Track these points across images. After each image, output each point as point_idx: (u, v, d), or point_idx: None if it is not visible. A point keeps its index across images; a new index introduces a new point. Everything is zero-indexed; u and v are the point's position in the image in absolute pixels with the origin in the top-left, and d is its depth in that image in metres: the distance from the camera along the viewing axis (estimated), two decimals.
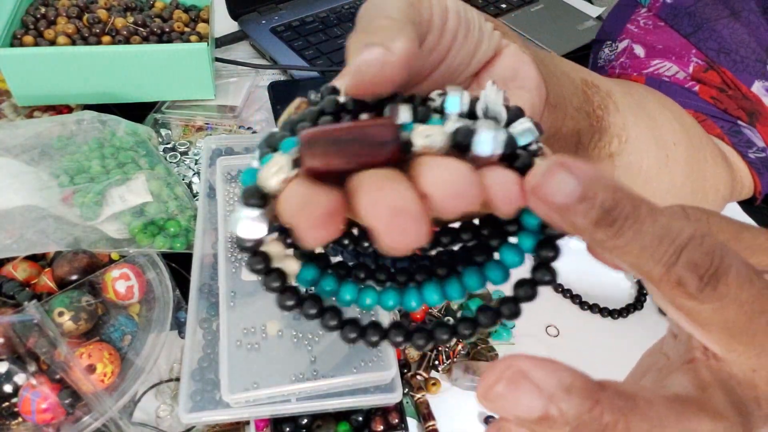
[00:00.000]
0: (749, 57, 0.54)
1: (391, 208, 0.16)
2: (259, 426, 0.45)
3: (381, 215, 0.16)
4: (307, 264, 0.21)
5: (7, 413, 0.43)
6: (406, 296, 0.22)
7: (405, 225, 0.16)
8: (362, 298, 0.22)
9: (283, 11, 0.87)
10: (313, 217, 0.17)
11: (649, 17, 0.60)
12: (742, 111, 0.55)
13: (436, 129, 0.18)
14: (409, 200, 0.16)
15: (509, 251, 0.20)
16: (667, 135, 0.47)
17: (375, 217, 0.16)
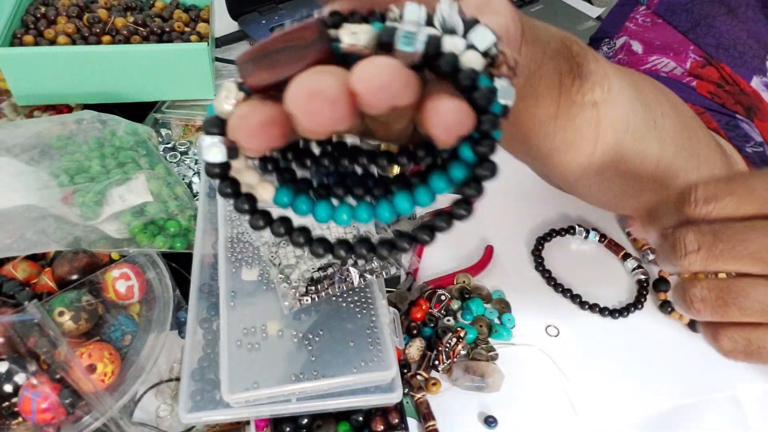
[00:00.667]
0: (747, 53, 0.54)
1: (307, 91, 0.17)
2: (259, 426, 0.45)
3: (298, 98, 0.17)
4: (282, 187, 0.23)
5: (7, 413, 0.43)
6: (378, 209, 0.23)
7: (319, 106, 0.17)
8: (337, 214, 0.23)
9: (283, 11, 0.87)
10: (249, 127, 0.18)
11: (647, 15, 0.60)
12: (740, 106, 0.55)
13: (362, 28, 0.19)
14: (325, 84, 0.17)
15: (439, 179, 0.21)
16: (652, 103, 0.46)
17: (292, 100, 0.17)
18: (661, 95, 0.49)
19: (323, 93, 0.17)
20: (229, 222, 0.54)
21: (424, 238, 0.21)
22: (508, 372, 0.51)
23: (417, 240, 0.21)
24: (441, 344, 0.51)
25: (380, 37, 0.19)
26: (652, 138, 0.45)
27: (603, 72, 0.42)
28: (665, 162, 0.46)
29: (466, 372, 0.50)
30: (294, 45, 0.18)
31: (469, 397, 0.50)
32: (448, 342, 0.51)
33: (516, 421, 0.49)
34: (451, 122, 0.18)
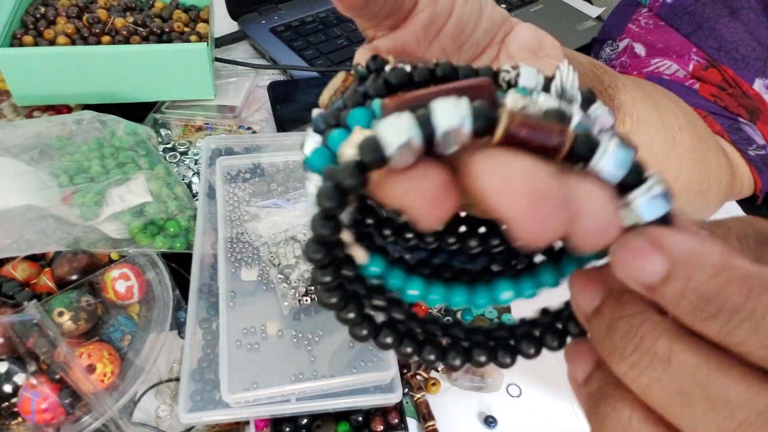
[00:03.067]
0: (749, 55, 0.54)
1: (528, 191, 0.13)
2: (259, 426, 0.45)
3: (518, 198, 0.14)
4: (375, 255, 0.19)
5: (7, 413, 0.43)
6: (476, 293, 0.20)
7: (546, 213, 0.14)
8: (429, 293, 0.20)
9: (283, 11, 0.87)
10: (429, 191, 0.15)
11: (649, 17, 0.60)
12: (743, 109, 0.55)
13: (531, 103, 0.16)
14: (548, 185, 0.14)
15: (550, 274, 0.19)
16: (670, 119, 0.47)
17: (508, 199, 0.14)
18: (676, 107, 0.49)
19: (550, 194, 0.14)
20: (228, 222, 0.54)
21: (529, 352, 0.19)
22: (508, 372, 0.51)
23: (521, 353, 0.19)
24: None
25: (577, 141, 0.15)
26: (671, 157, 0.46)
27: (632, 101, 0.42)
28: (682, 179, 0.47)
29: (466, 372, 0.50)
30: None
31: (469, 397, 0.50)
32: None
33: (516, 421, 0.49)
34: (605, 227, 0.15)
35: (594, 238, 0.14)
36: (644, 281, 0.14)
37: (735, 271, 0.14)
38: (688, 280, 0.14)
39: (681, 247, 0.14)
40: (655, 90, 0.50)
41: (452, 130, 0.14)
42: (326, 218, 0.15)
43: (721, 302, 0.14)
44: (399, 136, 0.14)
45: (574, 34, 0.88)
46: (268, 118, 0.72)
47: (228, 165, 0.59)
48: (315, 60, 0.79)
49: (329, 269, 0.16)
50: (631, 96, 0.42)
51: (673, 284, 0.14)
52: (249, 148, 0.62)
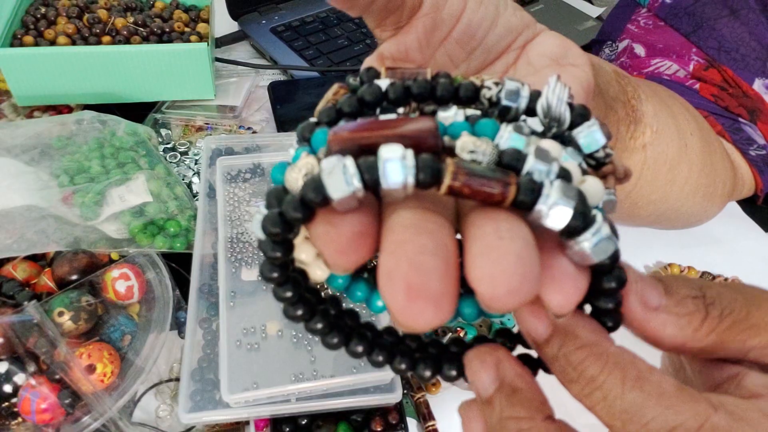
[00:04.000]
0: (749, 55, 0.54)
1: (407, 286, 0.14)
2: (259, 426, 0.45)
3: (394, 293, 0.14)
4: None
5: (7, 413, 0.43)
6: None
7: (422, 307, 0.14)
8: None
9: (283, 11, 0.87)
10: (339, 241, 0.15)
11: (649, 17, 0.60)
12: (743, 109, 0.55)
13: (483, 144, 0.16)
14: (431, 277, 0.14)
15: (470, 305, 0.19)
16: (683, 124, 0.47)
17: (388, 293, 0.14)
18: (686, 112, 0.50)
19: (428, 291, 0.14)
20: (228, 222, 0.54)
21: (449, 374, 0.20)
22: None
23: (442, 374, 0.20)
24: None
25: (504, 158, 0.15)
26: (683, 162, 0.46)
27: (653, 111, 0.42)
28: (691, 181, 0.47)
29: None
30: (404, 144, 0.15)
31: (468, 397, 0.50)
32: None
33: None
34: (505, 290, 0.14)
35: (497, 303, 0.14)
36: (532, 336, 0.18)
37: (597, 348, 0.17)
38: (560, 347, 0.17)
39: (562, 320, 0.17)
40: (667, 95, 0.50)
41: (397, 186, 0.15)
42: (274, 243, 0.16)
43: (582, 370, 0.17)
44: (341, 187, 0.14)
45: (575, 34, 0.88)
46: (269, 118, 0.72)
47: (228, 165, 0.59)
48: (315, 60, 0.79)
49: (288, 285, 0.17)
50: (652, 106, 0.42)
51: (550, 347, 0.17)
52: (249, 148, 0.62)
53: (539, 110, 0.18)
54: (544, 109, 0.18)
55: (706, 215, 0.54)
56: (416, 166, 0.14)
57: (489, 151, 0.16)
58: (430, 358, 0.20)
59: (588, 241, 0.15)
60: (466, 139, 0.16)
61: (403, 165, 0.14)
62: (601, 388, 0.16)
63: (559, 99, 0.17)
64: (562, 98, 0.18)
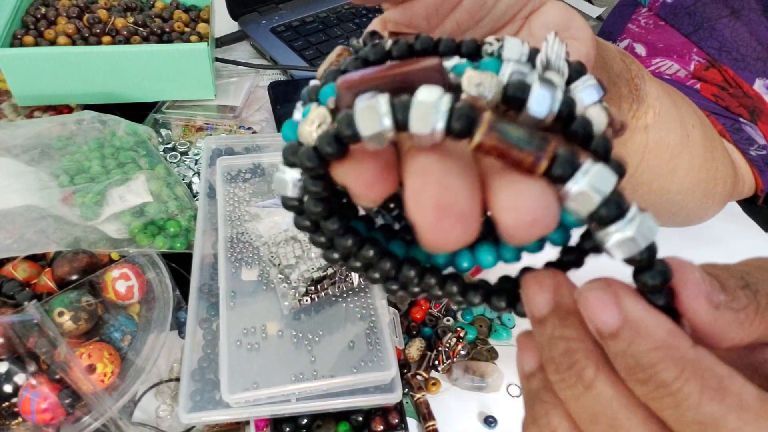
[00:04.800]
0: (750, 55, 0.54)
1: (435, 205, 0.15)
2: (259, 426, 0.45)
3: (424, 212, 0.15)
4: (355, 222, 0.20)
5: (7, 413, 0.43)
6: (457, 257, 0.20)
7: (450, 225, 0.14)
8: (412, 253, 0.20)
9: (283, 11, 0.87)
10: (368, 174, 0.16)
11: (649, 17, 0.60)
12: (744, 109, 0.55)
13: (488, 77, 0.16)
14: (457, 197, 0.15)
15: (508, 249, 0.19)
16: (685, 116, 0.47)
17: (417, 212, 0.15)
18: (688, 106, 0.50)
19: (455, 209, 0.15)
20: (228, 222, 0.54)
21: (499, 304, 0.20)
22: (508, 372, 0.51)
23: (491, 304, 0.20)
24: (441, 344, 0.51)
25: (508, 92, 0.15)
26: (684, 153, 0.46)
27: (656, 93, 0.41)
28: (692, 175, 0.47)
29: (466, 372, 0.50)
30: (412, 84, 0.15)
31: (469, 397, 0.50)
32: (448, 342, 0.51)
33: (516, 421, 0.49)
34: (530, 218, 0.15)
35: (520, 232, 0.15)
36: (597, 327, 0.16)
37: (674, 351, 0.15)
38: (631, 344, 0.15)
39: (635, 312, 0.16)
40: (670, 87, 0.50)
41: (424, 134, 0.14)
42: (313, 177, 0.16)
43: (653, 374, 0.15)
44: (372, 126, 0.15)
45: None
46: (269, 118, 0.72)
47: (228, 165, 0.59)
48: (315, 60, 0.79)
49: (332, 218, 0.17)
50: (655, 88, 0.41)
51: (618, 342, 0.16)
52: (249, 148, 0.62)
53: (538, 65, 0.18)
54: (543, 64, 0.18)
55: (705, 213, 0.54)
56: (450, 112, 0.14)
57: (494, 84, 0.16)
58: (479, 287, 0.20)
59: (613, 236, 0.15)
60: (471, 73, 0.16)
61: (437, 109, 0.14)
62: (674, 395, 0.15)
63: (557, 55, 0.18)
64: (560, 54, 0.18)
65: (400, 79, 0.16)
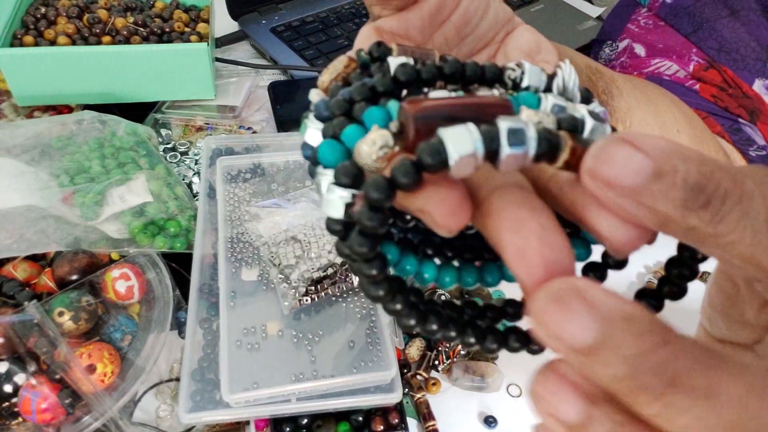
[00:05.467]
0: (749, 56, 0.54)
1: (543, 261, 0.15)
2: (259, 426, 0.45)
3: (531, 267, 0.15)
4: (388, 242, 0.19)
5: (7, 413, 0.43)
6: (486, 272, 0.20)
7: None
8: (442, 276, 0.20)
9: (283, 11, 0.87)
10: (450, 202, 0.15)
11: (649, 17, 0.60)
12: (743, 109, 0.55)
13: (545, 116, 0.16)
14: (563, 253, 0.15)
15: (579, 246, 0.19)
16: (669, 121, 0.47)
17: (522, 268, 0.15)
18: (676, 110, 0.50)
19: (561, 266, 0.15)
20: (228, 222, 0.54)
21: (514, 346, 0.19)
22: (508, 372, 0.51)
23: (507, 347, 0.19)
24: (441, 344, 0.51)
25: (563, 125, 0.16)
26: None
27: (626, 107, 0.42)
28: None
29: (466, 372, 0.50)
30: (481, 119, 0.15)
31: (469, 397, 0.50)
32: (448, 342, 0.51)
33: (516, 421, 0.49)
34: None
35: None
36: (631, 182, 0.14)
37: (716, 162, 0.14)
38: (677, 172, 0.13)
39: (659, 144, 0.14)
40: (655, 93, 0.50)
41: (516, 155, 0.15)
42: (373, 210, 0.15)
43: (713, 189, 0.13)
44: (463, 147, 0.14)
45: (575, 34, 0.88)
46: (269, 118, 0.72)
47: (228, 165, 0.59)
48: (315, 60, 0.79)
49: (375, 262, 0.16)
50: (626, 102, 0.42)
51: (664, 179, 0.13)
52: (249, 148, 0.62)
53: (555, 89, 0.19)
54: (560, 89, 0.19)
55: None
56: (538, 138, 0.15)
57: (552, 121, 0.16)
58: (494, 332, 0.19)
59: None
60: (529, 112, 0.16)
61: (528, 134, 0.15)
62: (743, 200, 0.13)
63: (574, 82, 0.18)
64: (575, 81, 0.18)
65: (476, 109, 0.16)
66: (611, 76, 0.42)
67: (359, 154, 0.16)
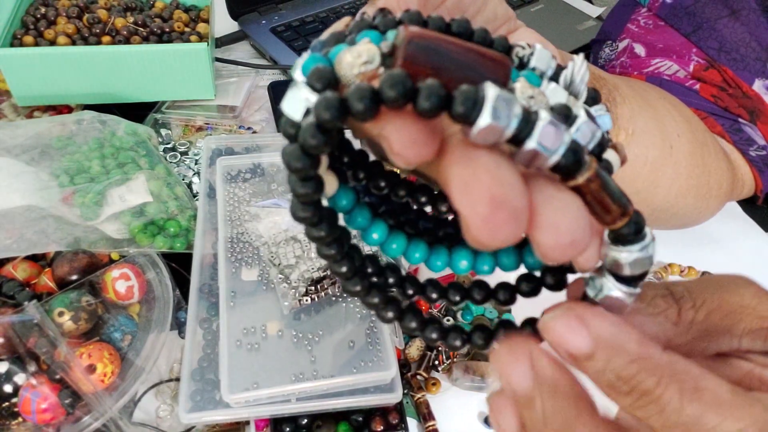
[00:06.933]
0: (749, 56, 0.54)
1: (491, 197, 0.14)
2: (259, 426, 0.45)
3: (479, 204, 0.14)
4: (346, 187, 0.18)
5: (7, 413, 0.43)
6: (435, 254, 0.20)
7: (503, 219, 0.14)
8: (390, 241, 0.19)
9: (283, 11, 0.87)
10: (414, 130, 0.14)
11: (649, 17, 0.60)
12: (743, 109, 0.55)
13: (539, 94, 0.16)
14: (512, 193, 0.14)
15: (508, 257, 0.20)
16: (669, 126, 0.47)
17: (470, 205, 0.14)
18: (676, 113, 0.50)
19: (510, 203, 0.14)
20: (228, 222, 0.54)
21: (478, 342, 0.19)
22: None
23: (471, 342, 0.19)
24: (441, 344, 0.51)
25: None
26: (667, 165, 0.46)
27: (629, 114, 0.42)
28: (679, 183, 0.47)
29: (466, 372, 0.50)
30: (476, 70, 0.15)
31: (469, 397, 0.50)
32: None
33: None
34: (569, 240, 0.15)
35: (557, 253, 0.15)
36: (570, 353, 0.17)
37: (649, 361, 0.16)
38: (608, 362, 0.16)
39: (603, 331, 0.16)
40: (655, 96, 0.50)
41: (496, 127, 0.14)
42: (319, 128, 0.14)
43: (635, 384, 0.16)
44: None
45: (575, 34, 0.88)
46: (269, 118, 0.72)
47: (228, 165, 0.59)
48: None
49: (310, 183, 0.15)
50: (629, 108, 0.42)
51: (595, 363, 0.16)
52: (249, 148, 0.62)
53: (561, 81, 0.18)
54: (566, 82, 0.18)
55: (700, 216, 0.54)
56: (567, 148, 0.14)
57: (544, 102, 0.16)
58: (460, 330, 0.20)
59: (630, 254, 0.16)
60: (525, 84, 0.16)
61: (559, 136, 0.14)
62: (657, 401, 0.16)
63: (582, 78, 0.18)
64: (584, 78, 0.18)
65: (474, 57, 0.15)
66: (614, 83, 0.42)
67: (340, 63, 0.15)
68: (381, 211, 0.21)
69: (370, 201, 0.21)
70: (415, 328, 0.19)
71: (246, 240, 0.52)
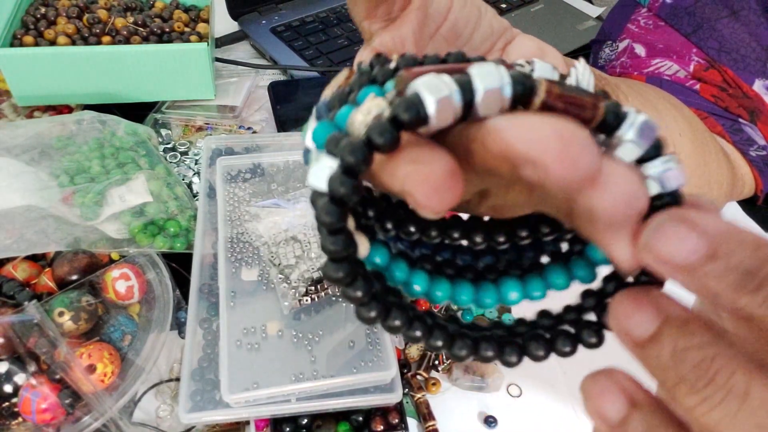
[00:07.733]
0: (749, 56, 0.54)
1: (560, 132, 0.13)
2: (259, 426, 0.45)
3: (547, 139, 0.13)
4: (377, 244, 0.18)
5: (7, 413, 0.43)
6: (482, 292, 0.19)
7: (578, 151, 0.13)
8: (434, 289, 0.19)
9: (283, 11, 0.87)
10: (434, 178, 0.14)
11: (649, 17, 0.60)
12: (743, 109, 0.55)
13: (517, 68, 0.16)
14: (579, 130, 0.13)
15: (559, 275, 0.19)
16: (671, 126, 0.47)
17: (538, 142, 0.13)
18: (677, 113, 0.50)
19: (579, 135, 0.13)
20: (228, 222, 0.54)
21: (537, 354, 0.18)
22: (508, 372, 0.51)
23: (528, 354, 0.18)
24: None
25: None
26: None
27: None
28: None
29: (466, 372, 0.50)
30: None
31: (469, 397, 0.50)
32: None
33: (516, 421, 0.49)
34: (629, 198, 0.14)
35: (620, 209, 0.14)
36: (684, 261, 0.14)
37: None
38: (731, 256, 0.14)
39: (717, 225, 0.14)
40: (656, 96, 0.50)
41: (493, 90, 0.14)
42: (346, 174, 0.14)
43: (766, 273, 0.14)
44: (439, 90, 0.14)
45: (575, 34, 0.88)
46: (269, 118, 0.72)
47: (228, 165, 0.59)
48: (315, 60, 0.79)
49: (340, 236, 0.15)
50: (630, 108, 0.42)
51: (717, 261, 0.14)
52: (249, 148, 0.62)
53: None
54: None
55: None
56: (511, 78, 0.14)
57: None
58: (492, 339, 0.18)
59: (656, 168, 0.15)
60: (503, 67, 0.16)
61: (498, 72, 0.14)
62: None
63: (588, 82, 0.18)
64: (590, 81, 0.18)
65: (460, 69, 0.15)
66: (615, 82, 0.42)
67: (353, 123, 0.15)
68: (416, 257, 0.21)
69: (403, 249, 0.20)
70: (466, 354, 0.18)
71: (246, 240, 0.52)
